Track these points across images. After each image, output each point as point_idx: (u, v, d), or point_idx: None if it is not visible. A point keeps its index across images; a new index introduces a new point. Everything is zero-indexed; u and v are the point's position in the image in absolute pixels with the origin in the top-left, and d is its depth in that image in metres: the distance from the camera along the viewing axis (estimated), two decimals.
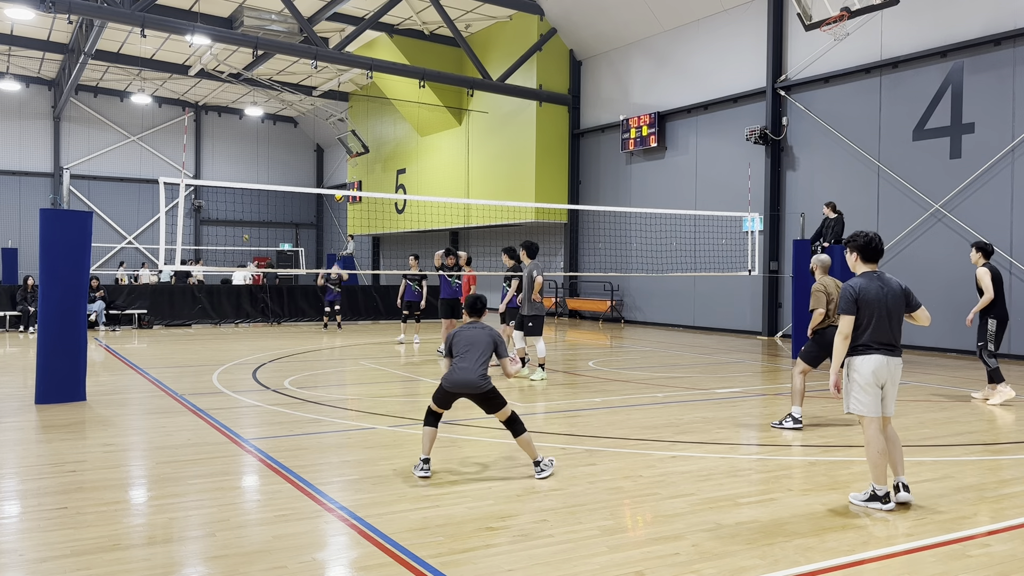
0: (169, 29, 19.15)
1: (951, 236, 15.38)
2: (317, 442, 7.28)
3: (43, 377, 9.07)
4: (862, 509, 5.33)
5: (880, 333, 5.36)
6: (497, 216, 24.89)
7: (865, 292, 5.38)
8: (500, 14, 24.53)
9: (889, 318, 5.39)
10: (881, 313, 5.36)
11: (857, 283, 5.43)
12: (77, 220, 9.30)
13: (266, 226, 37.95)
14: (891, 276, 5.53)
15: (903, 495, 5.33)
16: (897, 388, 5.46)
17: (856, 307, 5.38)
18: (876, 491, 5.32)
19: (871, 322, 5.36)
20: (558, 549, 4.49)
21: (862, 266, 5.57)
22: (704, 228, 19.36)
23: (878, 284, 5.41)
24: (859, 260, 5.57)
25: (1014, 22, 14.40)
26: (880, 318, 5.36)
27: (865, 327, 5.37)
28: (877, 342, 5.35)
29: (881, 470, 5.33)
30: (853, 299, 5.37)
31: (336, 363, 13.46)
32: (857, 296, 5.37)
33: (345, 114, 34.07)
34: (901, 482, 5.40)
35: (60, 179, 32.52)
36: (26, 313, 18.47)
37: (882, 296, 5.38)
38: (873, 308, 5.36)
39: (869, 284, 5.41)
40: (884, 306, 5.38)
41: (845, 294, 5.42)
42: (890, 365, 5.36)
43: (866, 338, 5.37)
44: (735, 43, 19.64)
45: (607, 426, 8.04)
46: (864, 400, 5.36)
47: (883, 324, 5.37)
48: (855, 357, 5.40)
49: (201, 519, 5.02)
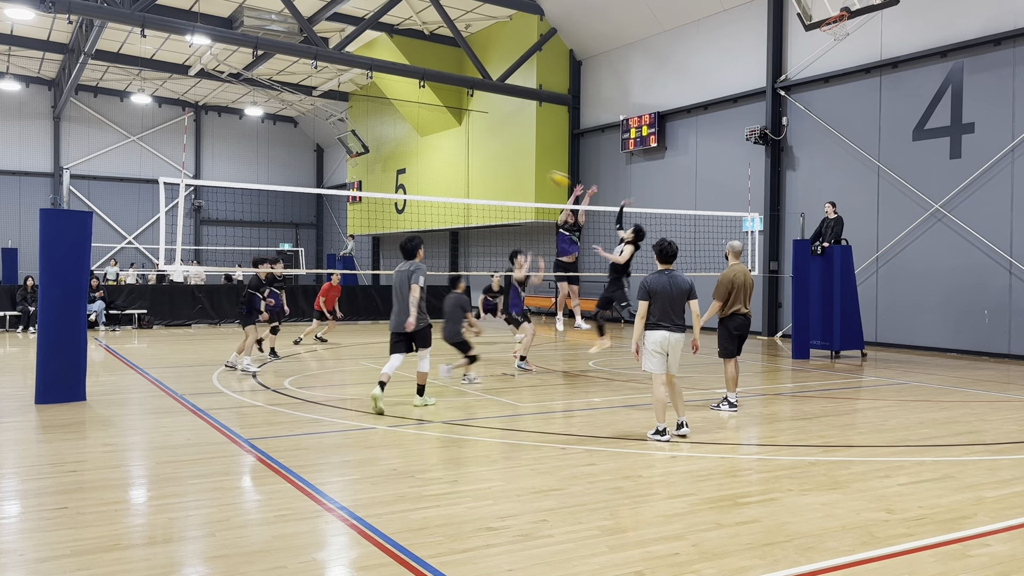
0: (169, 29, 19.15)
1: (951, 236, 15.37)
2: (317, 442, 7.28)
3: (43, 377, 9.07)
4: (653, 442, 7.20)
5: (664, 315, 7.32)
6: (497, 216, 24.88)
7: (653, 285, 7.34)
8: (500, 14, 24.53)
9: (672, 304, 7.35)
10: (665, 301, 7.33)
11: (650, 279, 7.39)
12: (77, 220, 9.30)
13: (266, 226, 37.94)
14: (681, 275, 7.43)
15: (683, 430, 7.43)
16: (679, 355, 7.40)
17: (648, 296, 7.34)
18: (658, 428, 7.32)
19: (659, 307, 7.32)
20: (558, 549, 4.49)
21: (659, 265, 7.53)
22: (704, 228, 19.34)
23: (667, 279, 7.38)
24: (657, 260, 7.57)
25: (1014, 22, 14.39)
26: (664, 304, 7.32)
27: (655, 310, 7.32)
28: (663, 321, 7.32)
29: (661, 413, 7.31)
30: (646, 290, 7.35)
31: (336, 363, 13.46)
32: (648, 288, 7.35)
33: (345, 114, 34.07)
34: (683, 421, 7.49)
35: (60, 179, 32.53)
36: (26, 313, 18.47)
37: (668, 289, 7.34)
38: (661, 297, 7.32)
39: (658, 279, 7.38)
40: (669, 296, 7.34)
41: (640, 286, 7.39)
42: (671, 338, 7.31)
43: (655, 318, 7.32)
44: (735, 43, 19.64)
45: (607, 426, 8.03)
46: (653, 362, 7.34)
47: (667, 308, 7.33)
48: (647, 332, 7.36)
49: (201, 519, 5.02)
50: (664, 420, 7.32)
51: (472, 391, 10.23)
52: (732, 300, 8.91)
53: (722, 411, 8.88)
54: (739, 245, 9.16)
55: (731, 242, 9.24)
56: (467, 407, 9.23)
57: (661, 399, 7.31)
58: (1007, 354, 14.46)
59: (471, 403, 9.46)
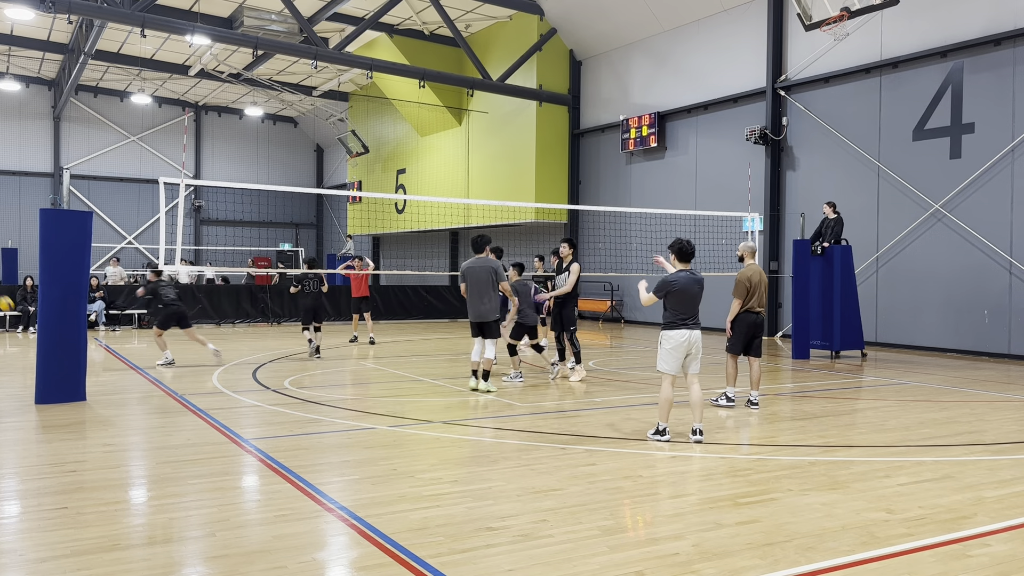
0: (169, 29, 19.14)
1: (951, 236, 15.37)
2: (317, 442, 7.28)
3: (43, 377, 9.07)
4: (653, 441, 7.25)
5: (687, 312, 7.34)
6: (497, 216, 24.88)
7: (678, 282, 7.34)
8: (500, 14, 24.52)
9: (692, 302, 7.36)
10: (687, 298, 7.33)
11: (673, 277, 7.41)
12: (77, 220, 9.30)
13: (266, 226, 37.94)
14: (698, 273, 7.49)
15: (698, 437, 7.30)
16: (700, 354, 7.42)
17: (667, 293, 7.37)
18: (659, 427, 7.36)
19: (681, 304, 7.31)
20: (558, 549, 4.49)
21: (679, 265, 7.56)
22: (704, 228, 19.35)
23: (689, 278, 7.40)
24: (675, 260, 7.59)
25: (1014, 22, 14.39)
26: (686, 301, 7.33)
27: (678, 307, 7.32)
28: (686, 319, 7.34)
29: (666, 413, 7.33)
30: (667, 287, 7.37)
31: (336, 363, 13.46)
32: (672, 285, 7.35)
33: (345, 114, 34.06)
34: (699, 428, 7.36)
35: (60, 179, 32.50)
36: (26, 313, 18.47)
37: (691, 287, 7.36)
38: (684, 294, 7.31)
39: (682, 277, 7.39)
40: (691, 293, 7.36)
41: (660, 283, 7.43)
42: (692, 336, 7.32)
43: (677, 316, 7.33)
44: (735, 43, 19.64)
45: (607, 426, 8.04)
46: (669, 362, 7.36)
47: (688, 306, 7.34)
48: (667, 331, 7.36)
49: (201, 519, 5.02)
50: (667, 420, 7.36)
51: (470, 390, 10.23)
52: (747, 299, 9.18)
53: (720, 405, 9.14)
54: (754, 245, 9.43)
55: (747, 243, 9.51)
56: (467, 407, 9.23)
57: (669, 399, 7.36)
58: (1007, 354, 14.46)
59: (471, 403, 9.47)
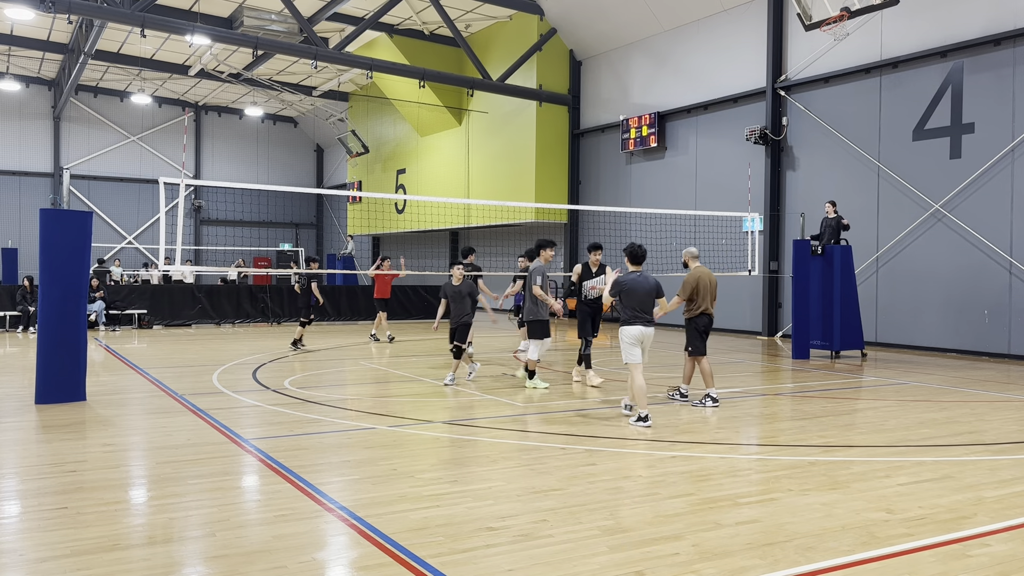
0: (169, 29, 19.15)
1: (951, 236, 15.37)
2: (317, 442, 7.28)
3: (43, 377, 9.07)
4: (635, 429, 7.79)
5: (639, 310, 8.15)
6: (497, 216, 24.89)
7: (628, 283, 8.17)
8: (500, 14, 24.53)
9: (643, 302, 8.17)
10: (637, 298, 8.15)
11: (624, 278, 8.23)
12: (77, 220, 9.29)
13: (266, 226, 37.95)
14: (649, 275, 8.27)
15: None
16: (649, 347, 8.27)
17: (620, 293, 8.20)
18: (640, 414, 7.96)
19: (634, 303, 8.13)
20: (558, 549, 4.49)
21: (631, 267, 8.34)
22: (704, 228, 19.36)
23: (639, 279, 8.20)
24: (628, 262, 8.37)
25: (1014, 22, 14.40)
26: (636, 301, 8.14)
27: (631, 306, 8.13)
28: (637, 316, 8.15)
29: (643, 401, 7.98)
30: (619, 287, 8.21)
31: (336, 363, 13.46)
32: (622, 286, 8.19)
33: (345, 114, 34.07)
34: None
35: (60, 179, 32.51)
36: (26, 313, 18.47)
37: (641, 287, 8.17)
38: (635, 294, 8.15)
39: (632, 278, 8.20)
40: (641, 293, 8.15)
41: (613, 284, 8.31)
42: (645, 332, 8.15)
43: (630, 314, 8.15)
44: (735, 43, 19.64)
45: (606, 426, 8.04)
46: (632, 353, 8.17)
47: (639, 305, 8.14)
48: (624, 327, 8.20)
49: (201, 519, 5.02)
50: (645, 407, 7.99)
51: (469, 391, 10.23)
52: (699, 300, 9.38)
53: (706, 407, 9.09)
54: (695, 250, 9.74)
55: (688, 248, 9.81)
56: (467, 407, 9.23)
57: (642, 386, 8.03)
58: (1007, 354, 14.46)
59: (471, 403, 9.47)
